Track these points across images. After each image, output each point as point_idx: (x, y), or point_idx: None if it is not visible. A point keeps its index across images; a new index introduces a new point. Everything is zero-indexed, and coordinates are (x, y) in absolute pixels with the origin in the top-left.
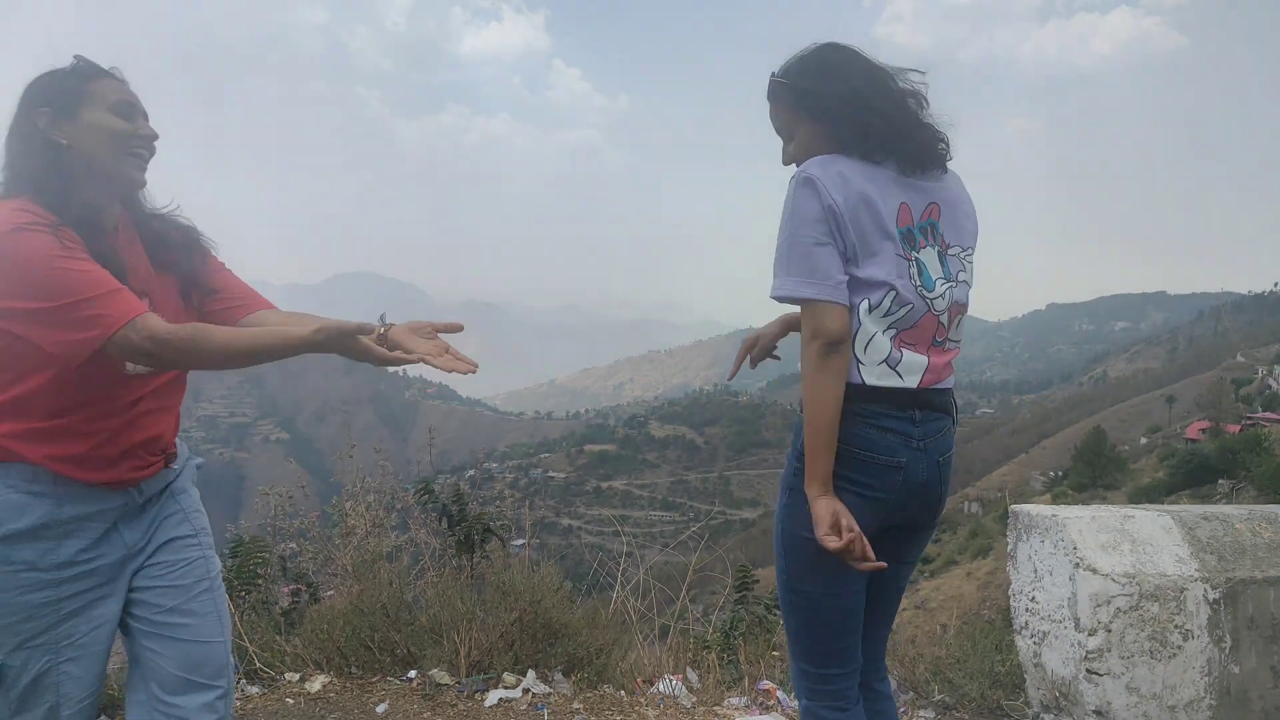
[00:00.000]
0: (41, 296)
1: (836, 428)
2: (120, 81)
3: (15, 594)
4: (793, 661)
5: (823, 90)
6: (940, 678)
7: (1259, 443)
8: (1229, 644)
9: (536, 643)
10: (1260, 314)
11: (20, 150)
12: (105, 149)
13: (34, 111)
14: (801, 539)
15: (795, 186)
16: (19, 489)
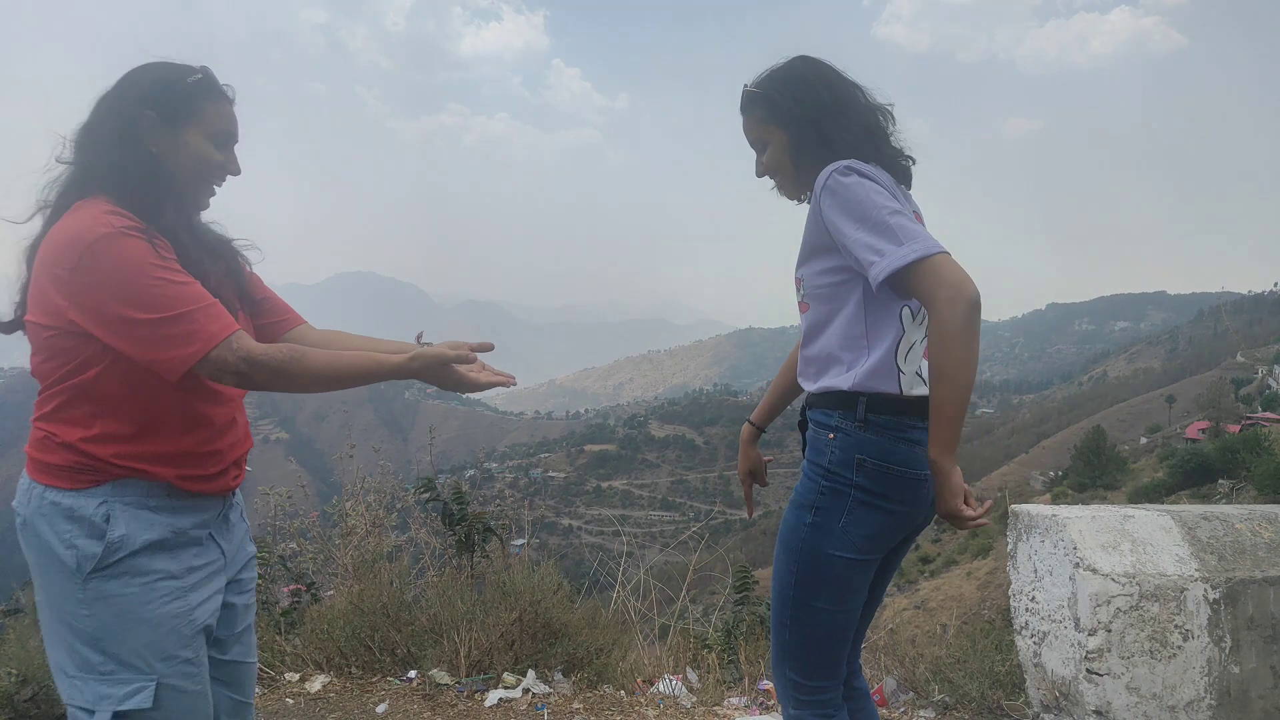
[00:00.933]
0: (140, 307)
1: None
2: (230, 104)
3: (157, 606)
4: (782, 673)
5: (792, 101)
6: (940, 678)
7: (1259, 443)
8: (1229, 644)
9: (536, 643)
10: (1260, 314)
11: (107, 145)
12: (189, 173)
13: (137, 110)
14: (830, 557)
15: (847, 175)
16: (138, 504)
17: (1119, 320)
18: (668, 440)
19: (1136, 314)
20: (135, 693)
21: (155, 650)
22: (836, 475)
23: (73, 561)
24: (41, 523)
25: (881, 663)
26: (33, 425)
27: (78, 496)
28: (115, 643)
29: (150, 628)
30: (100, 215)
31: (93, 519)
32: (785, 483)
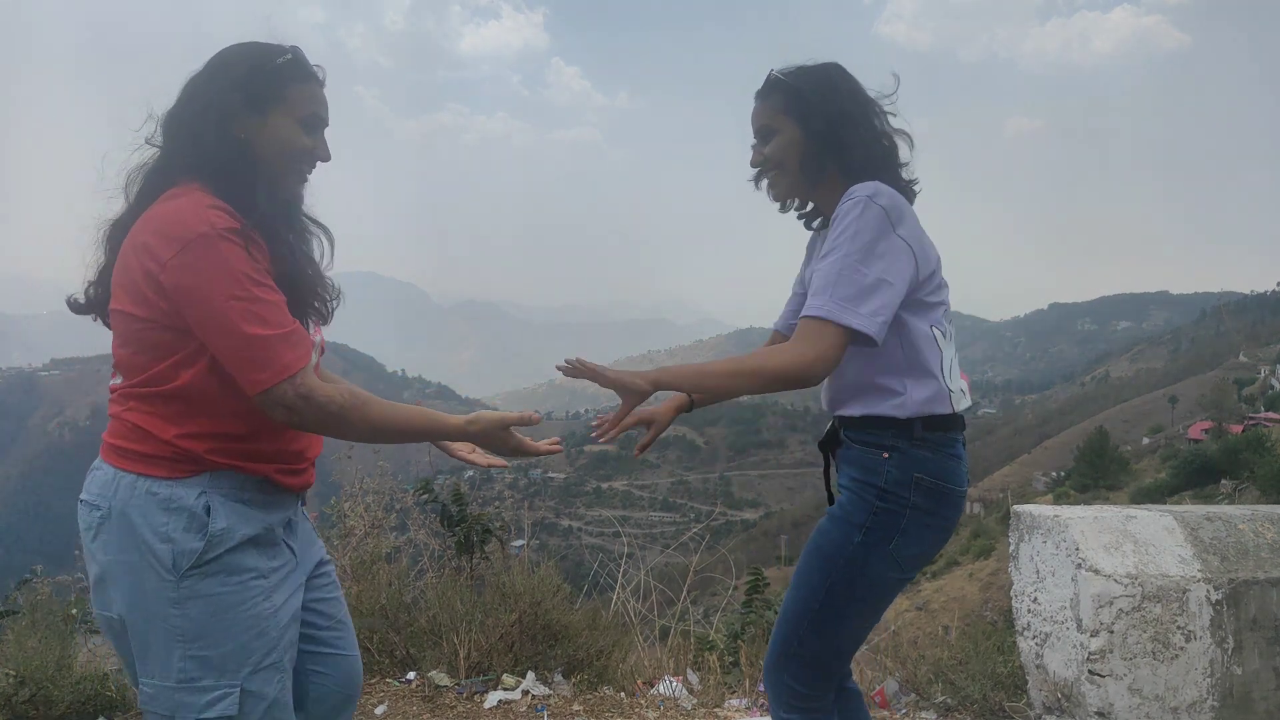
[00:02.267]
0: (224, 322)
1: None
2: (320, 86)
3: (248, 607)
4: (779, 680)
5: (818, 99)
6: (942, 679)
7: (1261, 443)
8: (1231, 645)
9: (536, 644)
10: (1263, 314)
11: (198, 130)
12: (278, 160)
13: (227, 95)
14: (874, 576)
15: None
16: (233, 497)
17: (1121, 320)
18: (668, 441)
19: (1139, 314)
20: (219, 700)
21: (243, 654)
22: (893, 495)
23: (169, 558)
24: (135, 514)
25: (883, 664)
26: (116, 416)
27: (175, 486)
28: (205, 645)
29: (241, 630)
30: (201, 210)
31: (193, 509)
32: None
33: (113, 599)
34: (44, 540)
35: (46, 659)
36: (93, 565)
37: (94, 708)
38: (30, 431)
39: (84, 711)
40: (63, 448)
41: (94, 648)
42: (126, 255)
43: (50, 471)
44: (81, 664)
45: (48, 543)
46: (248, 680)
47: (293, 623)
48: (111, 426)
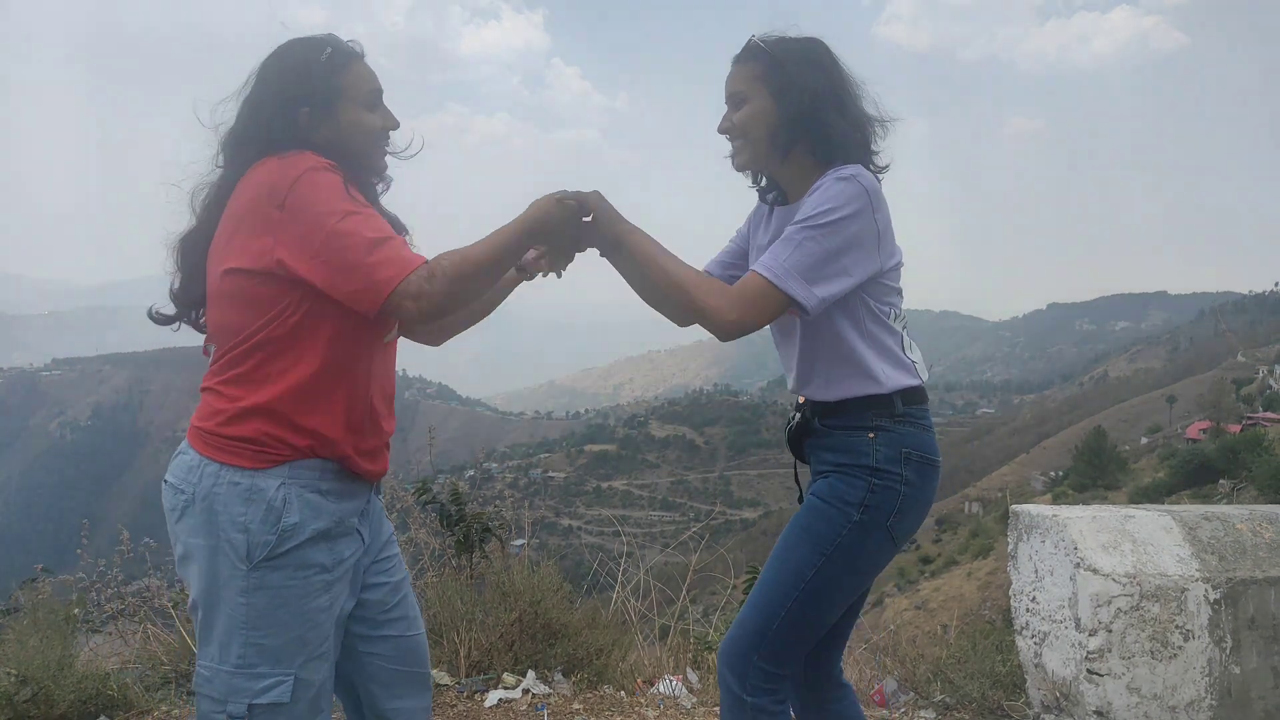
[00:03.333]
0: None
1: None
2: (363, 60)
3: (309, 600)
4: (752, 661)
5: (796, 73)
6: (941, 678)
7: (1260, 443)
8: (1230, 644)
9: (536, 643)
10: (1261, 314)
11: (280, 136)
12: (360, 145)
13: (294, 111)
14: (867, 554)
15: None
16: (311, 488)
17: (1120, 320)
18: (668, 440)
19: (1137, 314)
20: (274, 687)
21: (299, 645)
22: (887, 473)
23: (244, 547)
24: (217, 503)
25: (882, 663)
26: (206, 394)
27: (257, 476)
28: (265, 634)
29: (300, 622)
30: (300, 156)
31: (271, 501)
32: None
33: (191, 580)
34: (45, 540)
35: (48, 658)
36: (177, 545)
37: (95, 707)
38: (31, 431)
39: (85, 711)
40: (63, 448)
41: (95, 647)
42: (234, 212)
43: (50, 471)
44: (83, 663)
45: (48, 542)
46: (301, 669)
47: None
48: (199, 407)
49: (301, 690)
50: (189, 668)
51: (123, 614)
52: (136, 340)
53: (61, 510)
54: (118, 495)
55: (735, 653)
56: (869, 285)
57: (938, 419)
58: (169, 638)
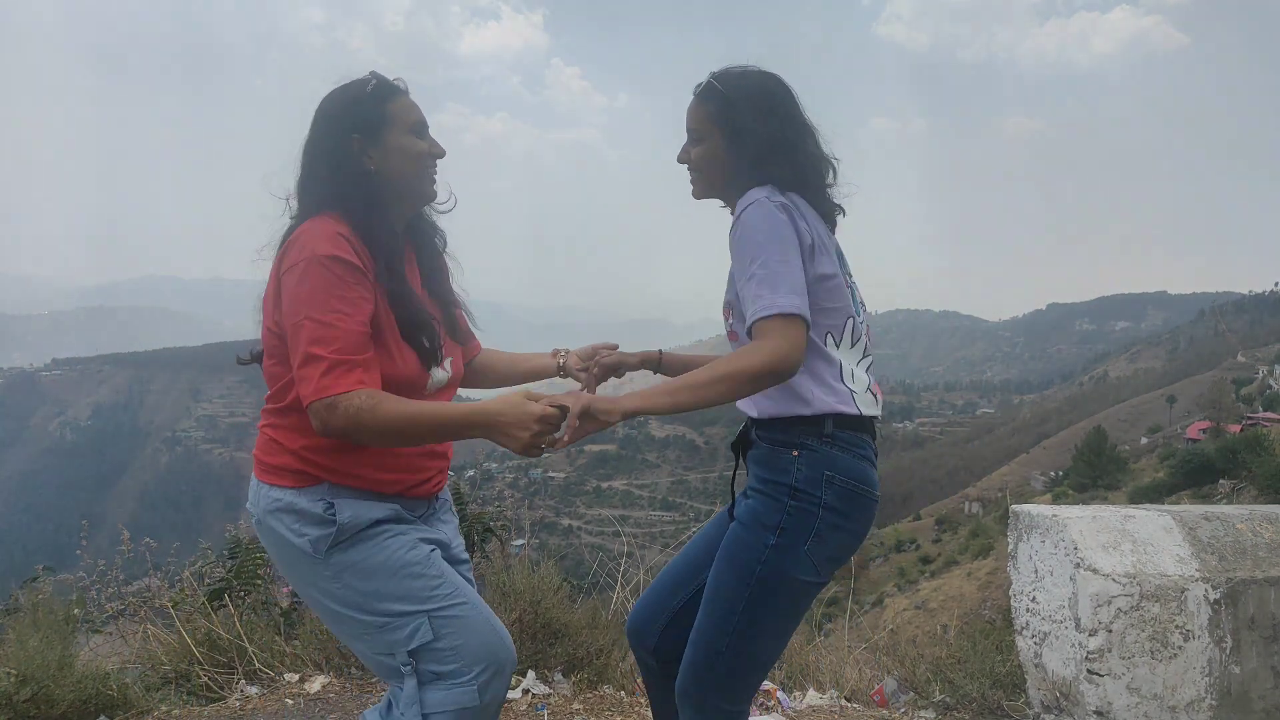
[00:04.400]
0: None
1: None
2: (407, 96)
3: (396, 559)
4: (702, 701)
5: (750, 119)
6: (941, 678)
7: (1260, 443)
8: (1230, 644)
9: (536, 643)
10: (1261, 314)
11: (330, 175)
12: (409, 171)
13: (346, 138)
14: (790, 581)
15: (771, 210)
16: (356, 497)
17: (1120, 320)
18: (668, 440)
19: (1137, 314)
20: (415, 631)
21: (411, 595)
22: (805, 494)
23: (308, 547)
24: (272, 520)
25: (882, 663)
26: (259, 429)
27: (299, 495)
28: (375, 600)
29: (398, 576)
30: (321, 233)
31: (313, 510)
32: None
33: (296, 589)
34: (45, 540)
35: (48, 658)
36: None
37: (95, 707)
38: (31, 431)
39: (85, 711)
40: (63, 448)
41: (95, 647)
42: (277, 270)
43: (50, 471)
44: (83, 663)
45: (48, 542)
46: (432, 610)
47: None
48: (256, 440)
49: (446, 626)
50: (189, 668)
51: (123, 614)
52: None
53: (61, 510)
54: (118, 495)
55: (690, 695)
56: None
57: (938, 419)
58: (169, 638)
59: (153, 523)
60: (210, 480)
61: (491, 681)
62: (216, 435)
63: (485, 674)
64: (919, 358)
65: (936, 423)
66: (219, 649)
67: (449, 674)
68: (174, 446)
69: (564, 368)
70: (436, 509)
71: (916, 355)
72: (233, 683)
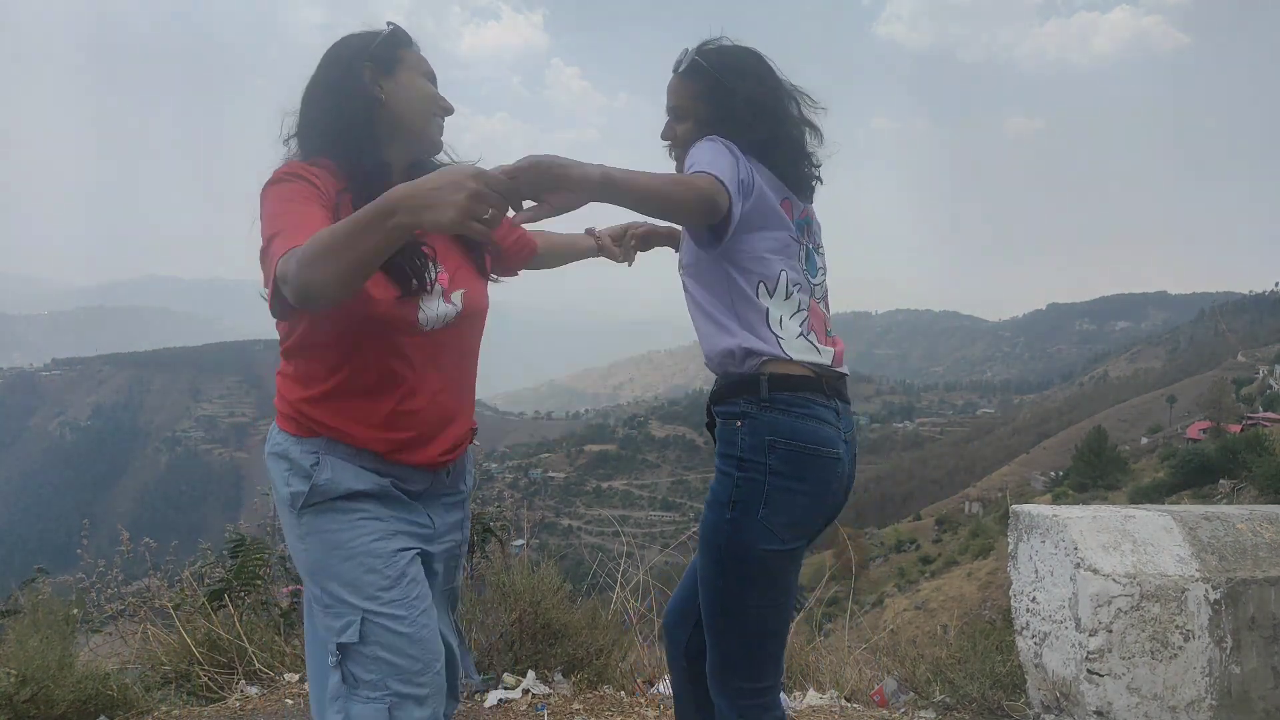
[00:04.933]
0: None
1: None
2: (420, 52)
3: (361, 543)
4: (725, 684)
5: (734, 90)
6: (941, 678)
7: (1260, 443)
8: (1230, 644)
9: (536, 643)
10: (1261, 314)
11: (332, 106)
12: (416, 109)
13: (357, 65)
14: (754, 551)
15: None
16: (347, 459)
17: (1120, 320)
18: (668, 440)
19: (1137, 314)
20: (346, 627)
21: (358, 586)
22: (750, 462)
23: (288, 498)
24: (271, 460)
25: (882, 663)
26: (277, 376)
27: (297, 443)
28: (326, 576)
29: (354, 563)
30: (281, 167)
31: (302, 463)
32: None
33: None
34: (45, 540)
35: (48, 658)
36: None
37: (95, 707)
38: (31, 431)
39: (85, 711)
40: (63, 448)
41: (95, 647)
42: None
43: (50, 471)
44: (83, 664)
45: (48, 542)
46: (368, 612)
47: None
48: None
49: (376, 634)
50: (189, 668)
51: (123, 614)
52: (136, 340)
53: (61, 510)
54: (118, 495)
55: (714, 682)
56: (732, 251)
57: (938, 419)
58: (169, 638)
59: (152, 523)
60: (210, 480)
61: (404, 706)
62: (216, 435)
63: (398, 697)
64: (919, 358)
65: (936, 423)
66: (219, 649)
67: (366, 683)
68: (174, 447)
69: (601, 245)
70: (444, 492)
71: (916, 355)
72: (233, 683)
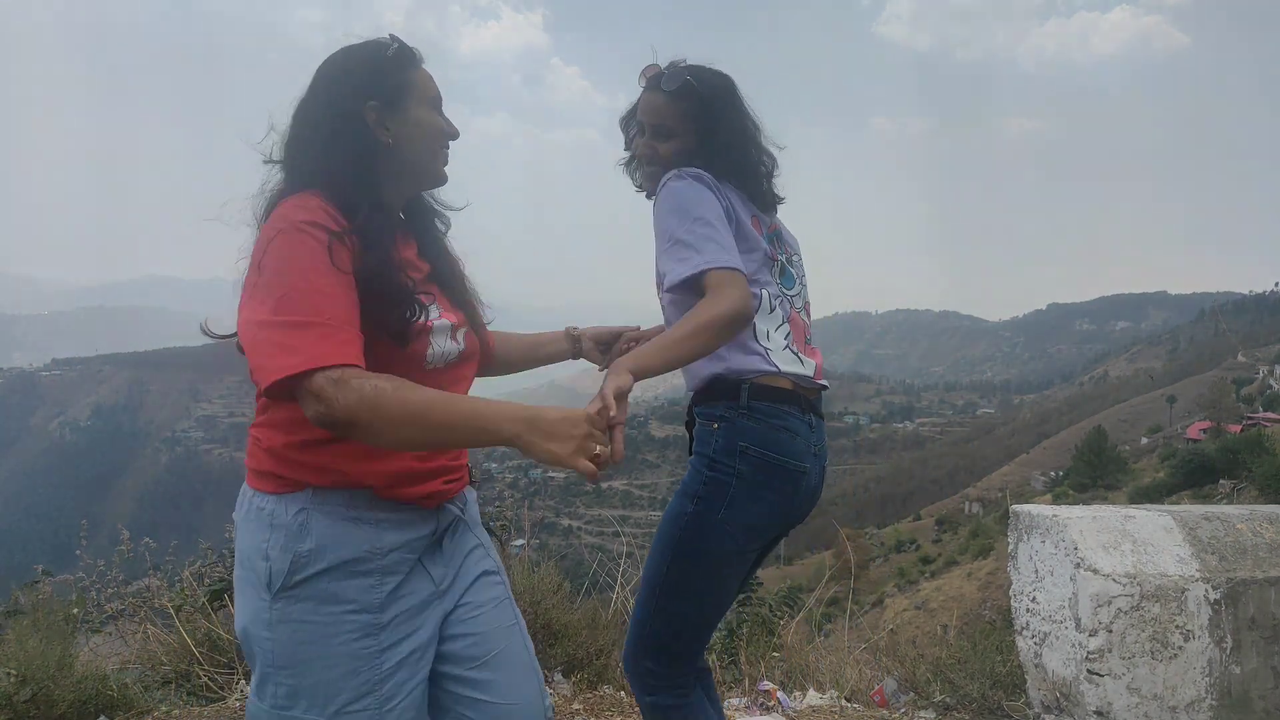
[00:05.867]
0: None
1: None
2: (425, 68)
3: (343, 642)
4: (639, 662)
5: (721, 115)
6: (941, 678)
7: (1260, 443)
8: (1230, 644)
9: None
10: (1261, 314)
11: (333, 143)
12: (424, 148)
13: (360, 103)
14: (707, 548)
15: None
16: (339, 515)
17: (1120, 320)
18: (668, 440)
19: (1137, 314)
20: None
21: (330, 692)
22: (720, 464)
23: (265, 576)
24: (245, 528)
25: (882, 663)
26: (250, 432)
27: (279, 501)
28: (291, 674)
29: (328, 666)
30: (308, 204)
31: (289, 526)
32: None
33: (238, 609)
34: (45, 540)
35: (48, 659)
36: None
37: (95, 707)
38: (31, 431)
39: (85, 711)
40: (63, 448)
41: (95, 647)
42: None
43: (50, 471)
44: (83, 664)
45: (48, 542)
46: (339, 718)
47: (413, 664)
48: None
49: None
50: (189, 668)
51: (123, 614)
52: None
53: (61, 510)
54: (118, 495)
55: (628, 659)
56: None
57: (938, 419)
58: (169, 638)
59: (152, 523)
60: (210, 480)
61: None
62: (216, 435)
63: None
64: (919, 358)
65: (936, 423)
66: (219, 649)
67: None
68: (173, 447)
69: (584, 351)
70: (442, 532)
71: (916, 355)
72: (233, 683)
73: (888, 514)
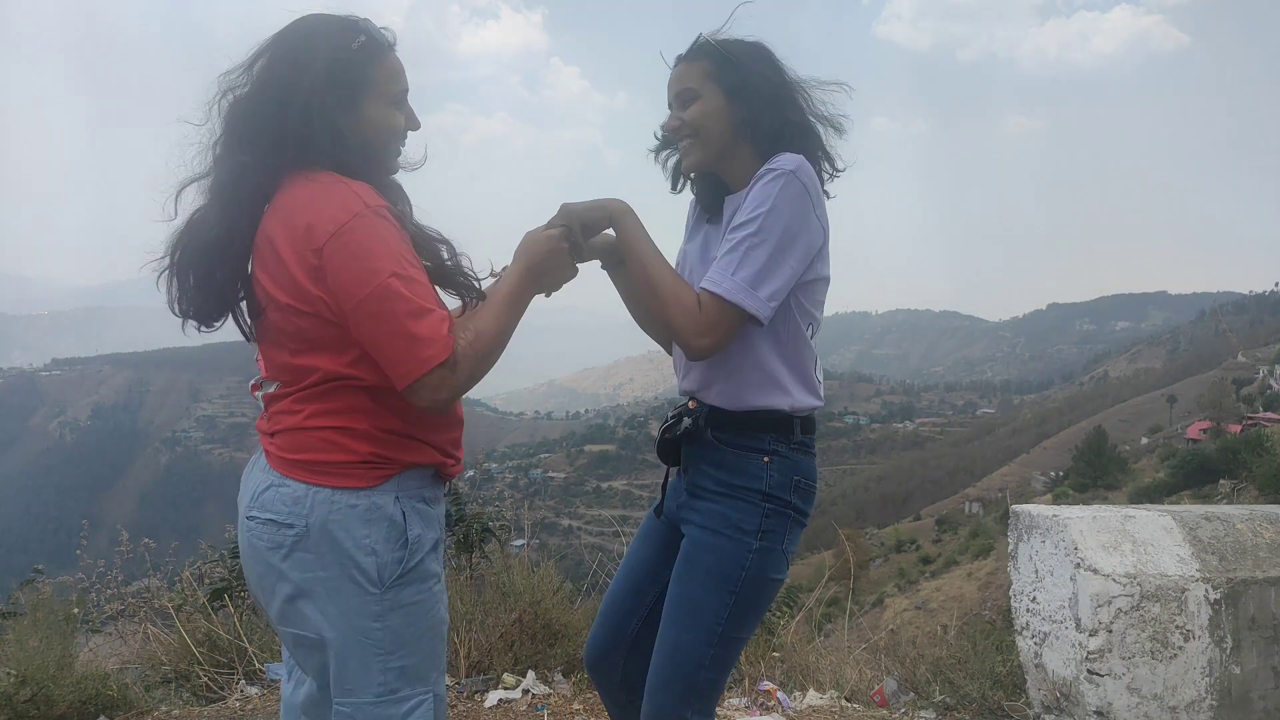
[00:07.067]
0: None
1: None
2: (394, 55)
3: (435, 612)
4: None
5: (748, 68)
6: (941, 678)
7: (1260, 443)
8: (1230, 644)
9: (536, 643)
10: (1261, 314)
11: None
12: (379, 144)
13: (318, 97)
14: (771, 583)
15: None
16: (418, 497)
17: (1120, 320)
18: None
19: (1137, 314)
20: (416, 708)
21: (433, 659)
22: (777, 498)
23: (374, 570)
24: (338, 530)
25: (882, 663)
26: (295, 428)
27: (373, 494)
28: (403, 655)
29: (431, 635)
30: (351, 188)
31: (393, 517)
32: None
33: (309, 618)
34: (45, 540)
35: (48, 659)
36: (284, 585)
37: (94, 707)
38: (30, 431)
39: (85, 711)
40: (63, 448)
41: (95, 647)
42: (272, 248)
43: (50, 471)
44: (82, 664)
45: (48, 542)
46: (436, 685)
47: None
48: (288, 440)
49: (441, 707)
50: (189, 668)
51: (123, 614)
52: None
53: (61, 510)
54: (117, 495)
55: (661, 710)
56: (796, 295)
57: (938, 419)
58: (169, 638)
59: (152, 523)
60: (210, 480)
61: None
62: (216, 435)
63: None
64: (919, 358)
65: (936, 423)
66: (219, 649)
67: None
68: (174, 447)
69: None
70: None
71: (916, 355)
72: (233, 683)
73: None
